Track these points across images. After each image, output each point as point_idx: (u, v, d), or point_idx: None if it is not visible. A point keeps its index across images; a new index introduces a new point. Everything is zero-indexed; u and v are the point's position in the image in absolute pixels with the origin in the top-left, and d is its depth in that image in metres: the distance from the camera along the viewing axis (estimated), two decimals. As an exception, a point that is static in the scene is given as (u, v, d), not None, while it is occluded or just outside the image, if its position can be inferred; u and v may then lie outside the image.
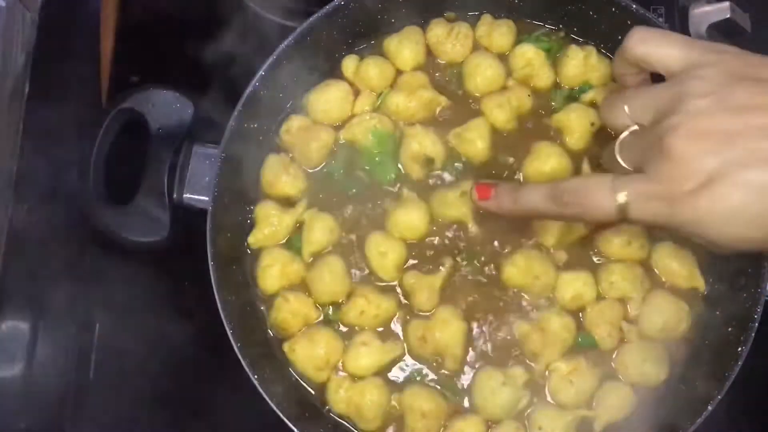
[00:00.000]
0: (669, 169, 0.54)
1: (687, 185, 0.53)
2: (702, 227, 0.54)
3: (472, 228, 0.74)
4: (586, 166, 0.74)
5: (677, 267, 0.74)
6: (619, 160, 0.59)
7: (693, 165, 0.53)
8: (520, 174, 0.76)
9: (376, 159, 0.77)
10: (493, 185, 0.66)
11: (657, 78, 0.61)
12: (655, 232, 0.74)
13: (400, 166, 0.77)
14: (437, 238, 0.75)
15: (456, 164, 0.77)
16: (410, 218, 0.74)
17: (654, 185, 0.55)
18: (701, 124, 0.53)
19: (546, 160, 0.74)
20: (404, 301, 0.75)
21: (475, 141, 0.76)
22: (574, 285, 0.73)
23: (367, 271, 0.75)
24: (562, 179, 0.62)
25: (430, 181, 0.77)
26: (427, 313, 0.74)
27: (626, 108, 0.59)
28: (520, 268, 0.73)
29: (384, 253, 0.74)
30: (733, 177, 0.52)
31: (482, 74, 0.78)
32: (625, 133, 0.60)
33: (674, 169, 0.54)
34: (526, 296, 0.74)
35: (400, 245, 0.74)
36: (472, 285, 0.75)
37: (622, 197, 0.56)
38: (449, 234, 0.75)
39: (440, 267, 0.74)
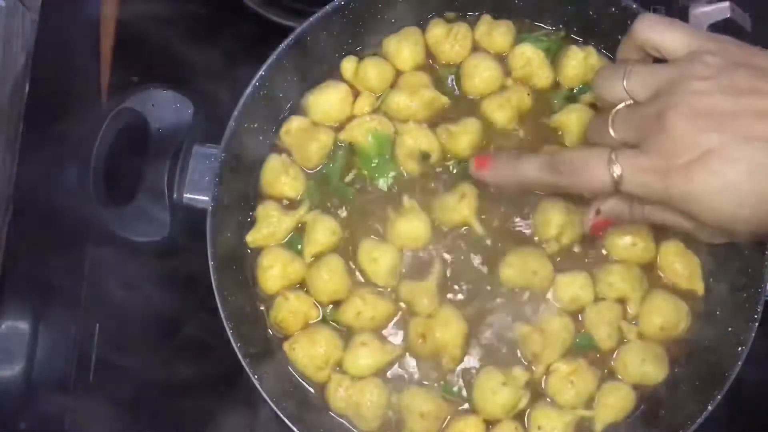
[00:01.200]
0: (665, 144, 0.56)
1: (681, 159, 0.55)
2: (693, 202, 0.56)
3: (478, 229, 0.74)
4: None
5: (680, 268, 0.74)
6: (611, 132, 0.60)
7: (689, 140, 0.55)
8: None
9: (375, 161, 0.77)
10: (491, 155, 0.68)
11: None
12: (661, 232, 0.74)
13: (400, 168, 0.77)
14: (439, 240, 0.75)
15: (453, 169, 0.77)
16: (412, 227, 0.74)
17: (649, 159, 0.57)
18: (701, 103, 0.55)
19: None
20: (403, 305, 0.75)
21: (459, 137, 0.76)
22: (572, 287, 0.73)
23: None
24: (560, 150, 0.62)
25: (432, 184, 0.77)
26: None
27: (625, 82, 0.60)
28: (516, 268, 0.73)
29: (376, 259, 0.74)
30: (727, 153, 0.54)
31: (480, 75, 0.78)
32: (620, 106, 0.60)
33: (671, 144, 0.55)
34: (527, 295, 0.74)
35: (392, 250, 0.74)
36: (471, 285, 0.75)
37: (617, 169, 0.58)
38: (444, 238, 0.75)
39: (431, 270, 0.74)
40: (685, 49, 0.59)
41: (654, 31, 0.61)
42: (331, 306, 0.75)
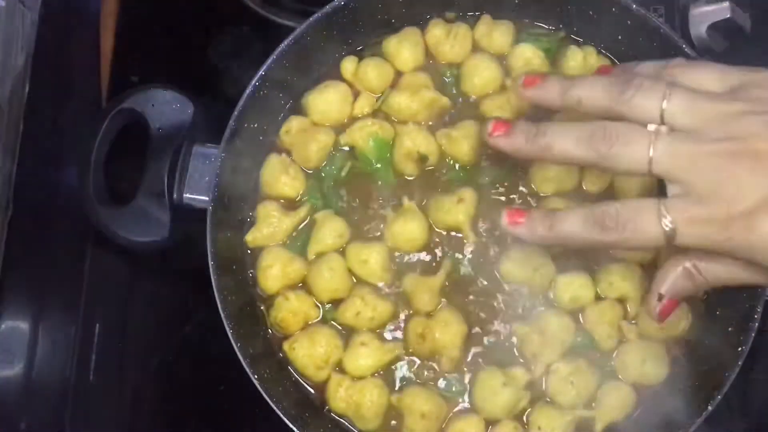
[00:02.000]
0: (724, 191, 0.52)
1: (741, 206, 0.51)
2: (755, 252, 0.52)
3: (469, 236, 0.74)
4: None
5: None
6: (651, 157, 0.54)
7: (749, 186, 0.51)
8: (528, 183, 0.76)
9: (374, 165, 0.77)
10: (525, 211, 0.61)
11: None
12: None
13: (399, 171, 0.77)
14: (437, 240, 0.75)
15: (457, 171, 0.77)
16: (409, 229, 0.74)
17: (705, 207, 0.52)
18: (758, 145, 0.51)
19: (549, 166, 0.74)
20: (405, 303, 0.75)
21: (461, 142, 0.76)
22: (572, 287, 0.73)
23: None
24: (599, 203, 0.57)
25: (433, 187, 0.77)
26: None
27: (665, 103, 0.55)
28: (518, 263, 0.73)
29: (366, 261, 0.74)
30: None
31: (480, 75, 0.78)
32: (663, 130, 0.55)
33: (731, 191, 0.51)
34: (526, 292, 0.74)
35: (378, 247, 0.74)
36: (471, 285, 0.75)
37: (668, 222, 0.53)
38: (449, 237, 0.75)
39: (439, 268, 0.74)
40: (722, 85, 0.56)
41: (687, 73, 0.57)
42: (330, 306, 0.75)
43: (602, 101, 0.57)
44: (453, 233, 0.75)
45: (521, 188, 0.76)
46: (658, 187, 0.67)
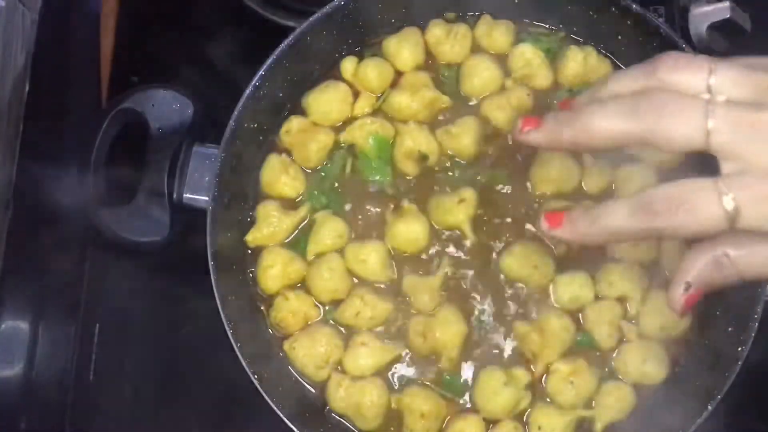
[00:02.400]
0: None
1: None
2: None
3: (469, 235, 0.74)
4: (589, 161, 0.75)
5: None
6: (713, 138, 0.49)
7: None
8: (528, 183, 0.76)
9: (374, 164, 0.77)
10: (563, 212, 0.56)
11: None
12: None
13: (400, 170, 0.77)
14: (436, 240, 0.75)
15: (456, 171, 0.77)
16: (411, 230, 0.74)
17: None
18: None
19: (550, 167, 0.74)
20: (405, 302, 0.75)
21: (461, 137, 0.76)
22: (572, 286, 0.73)
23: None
24: (646, 189, 0.51)
25: (434, 187, 0.77)
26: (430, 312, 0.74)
27: (713, 79, 0.50)
28: (519, 258, 0.73)
29: (364, 261, 0.74)
30: None
31: (479, 76, 0.78)
32: (721, 99, 0.49)
33: None
34: (524, 289, 0.74)
35: (377, 246, 0.74)
36: (471, 285, 0.75)
37: (729, 201, 0.47)
38: (448, 236, 0.75)
39: (438, 267, 0.74)
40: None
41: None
42: (330, 306, 0.75)
43: (636, 82, 0.52)
44: (452, 232, 0.75)
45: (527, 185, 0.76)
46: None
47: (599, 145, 0.53)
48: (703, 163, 0.50)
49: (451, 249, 0.75)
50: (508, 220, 0.76)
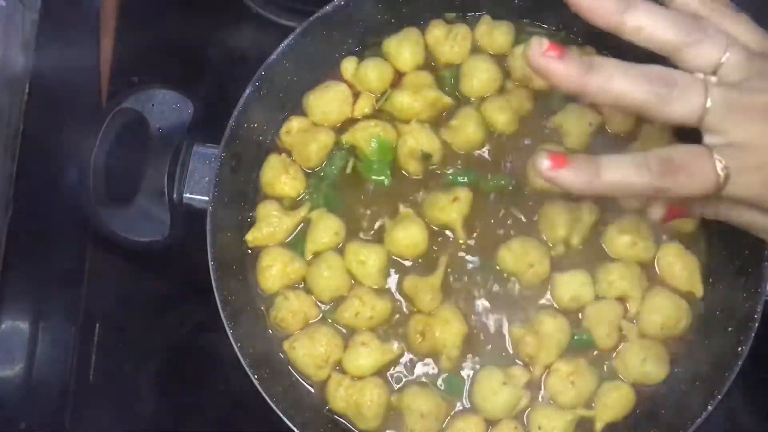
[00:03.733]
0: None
1: None
2: None
3: (460, 235, 0.74)
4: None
5: (679, 269, 0.74)
6: (709, 114, 0.53)
7: None
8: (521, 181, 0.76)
9: (375, 165, 0.77)
10: (568, 155, 0.54)
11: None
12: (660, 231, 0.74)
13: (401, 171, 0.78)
14: (435, 239, 0.76)
15: (454, 170, 0.77)
16: (409, 235, 0.74)
17: (753, 156, 0.52)
18: None
19: None
20: (404, 302, 0.75)
21: (463, 128, 0.76)
22: (572, 286, 0.73)
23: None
24: (651, 149, 0.54)
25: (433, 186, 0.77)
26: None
27: (724, 57, 0.54)
28: (515, 253, 0.73)
29: (363, 262, 0.74)
30: None
31: (478, 77, 0.78)
32: (713, 81, 0.54)
33: None
34: (520, 288, 0.74)
35: (378, 249, 0.74)
36: (471, 284, 0.75)
37: (721, 168, 0.52)
38: (446, 235, 0.76)
39: (437, 266, 0.74)
40: (759, 47, 0.56)
41: (731, 22, 0.57)
42: (330, 305, 0.75)
43: (667, 35, 0.54)
44: (447, 231, 0.76)
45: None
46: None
47: (609, 104, 0.55)
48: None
49: (451, 249, 0.75)
50: (508, 220, 0.76)
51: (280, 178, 0.77)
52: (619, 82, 0.53)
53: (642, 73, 0.53)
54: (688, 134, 0.56)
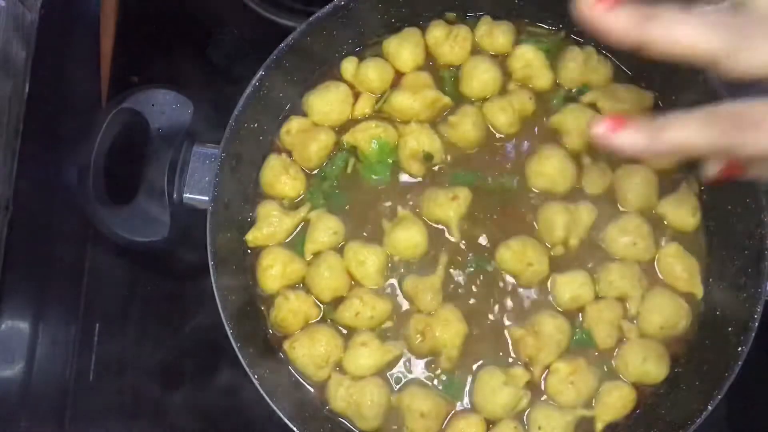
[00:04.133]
0: None
1: None
2: None
3: (455, 233, 0.74)
4: (587, 160, 0.75)
5: (679, 270, 0.74)
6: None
7: None
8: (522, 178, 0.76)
9: (375, 166, 0.77)
10: (626, 118, 0.51)
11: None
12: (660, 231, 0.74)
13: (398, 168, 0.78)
14: (435, 239, 0.76)
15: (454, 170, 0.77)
16: (409, 236, 0.74)
17: None
18: None
19: (546, 163, 0.74)
20: (404, 302, 0.75)
21: (462, 124, 0.76)
22: (572, 286, 0.73)
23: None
24: (713, 105, 0.49)
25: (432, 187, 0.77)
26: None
27: None
28: (515, 252, 0.73)
29: (363, 262, 0.74)
30: None
31: (478, 78, 0.78)
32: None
33: None
34: (520, 288, 0.74)
35: (377, 250, 0.74)
36: (472, 284, 0.75)
37: None
38: (443, 235, 0.76)
39: (435, 266, 0.74)
40: None
41: None
42: (330, 305, 0.75)
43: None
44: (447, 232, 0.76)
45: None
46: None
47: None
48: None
49: (451, 249, 0.75)
50: (508, 220, 0.76)
51: (280, 178, 0.77)
52: (684, 30, 0.48)
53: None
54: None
